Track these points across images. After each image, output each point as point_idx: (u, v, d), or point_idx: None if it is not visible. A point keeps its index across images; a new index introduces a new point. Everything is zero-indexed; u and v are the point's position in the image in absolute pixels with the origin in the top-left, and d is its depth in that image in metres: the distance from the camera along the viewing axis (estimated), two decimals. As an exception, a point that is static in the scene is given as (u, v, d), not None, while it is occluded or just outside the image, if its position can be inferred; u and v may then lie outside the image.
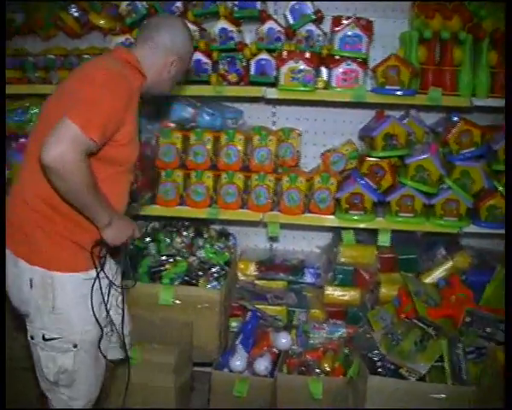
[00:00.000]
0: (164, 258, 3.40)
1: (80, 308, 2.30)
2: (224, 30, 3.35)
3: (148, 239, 3.53)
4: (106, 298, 2.37)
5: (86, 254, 2.29)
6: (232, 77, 3.34)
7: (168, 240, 3.55)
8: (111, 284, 2.40)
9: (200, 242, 3.56)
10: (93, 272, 2.31)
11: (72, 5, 3.61)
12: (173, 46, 2.45)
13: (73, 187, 2.08)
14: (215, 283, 3.32)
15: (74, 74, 2.36)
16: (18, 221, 2.28)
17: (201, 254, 3.47)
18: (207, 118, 3.49)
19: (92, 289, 2.29)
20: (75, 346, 2.29)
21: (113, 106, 2.16)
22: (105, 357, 2.45)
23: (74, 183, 2.06)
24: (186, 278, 3.32)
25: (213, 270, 3.38)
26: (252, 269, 3.67)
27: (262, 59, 3.29)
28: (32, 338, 2.32)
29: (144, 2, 3.47)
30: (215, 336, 3.28)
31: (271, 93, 3.28)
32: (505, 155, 2.90)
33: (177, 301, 3.24)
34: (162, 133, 3.46)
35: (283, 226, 3.49)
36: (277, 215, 3.36)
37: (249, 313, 3.40)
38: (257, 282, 3.63)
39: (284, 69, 3.19)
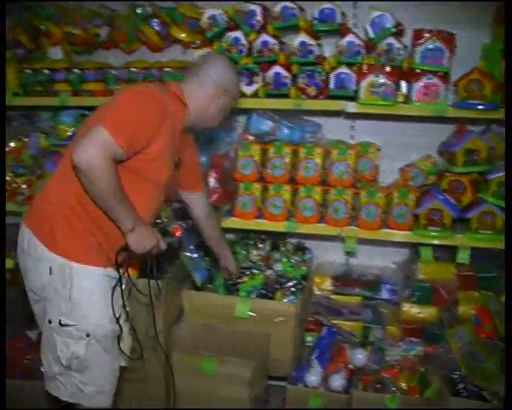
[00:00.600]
0: (242, 270, 3.41)
1: (96, 301, 2.41)
2: (303, 43, 3.35)
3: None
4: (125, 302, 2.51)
5: (106, 254, 2.43)
6: (311, 90, 3.33)
7: (244, 252, 3.56)
8: (137, 290, 2.56)
9: (277, 255, 3.56)
10: (113, 271, 2.45)
11: (154, 19, 3.68)
12: (217, 80, 2.62)
13: (100, 187, 2.23)
14: (292, 297, 3.31)
15: (120, 90, 2.57)
16: (47, 214, 2.42)
17: (278, 267, 3.47)
18: (286, 131, 3.49)
19: (114, 290, 2.41)
20: (88, 335, 2.38)
21: (143, 120, 2.33)
22: (127, 356, 2.58)
23: (100, 183, 2.21)
24: (263, 291, 3.33)
25: (290, 284, 3.37)
26: (327, 284, 3.64)
27: (341, 73, 3.27)
28: (50, 322, 2.41)
29: (224, 16, 3.51)
30: (290, 350, 3.27)
31: (351, 107, 3.26)
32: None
33: (253, 314, 3.24)
34: (241, 146, 3.47)
35: (360, 241, 3.45)
36: (355, 230, 3.33)
37: (325, 329, 3.37)
38: (332, 297, 3.61)
39: (364, 83, 3.17)
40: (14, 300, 3.29)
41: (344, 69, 3.26)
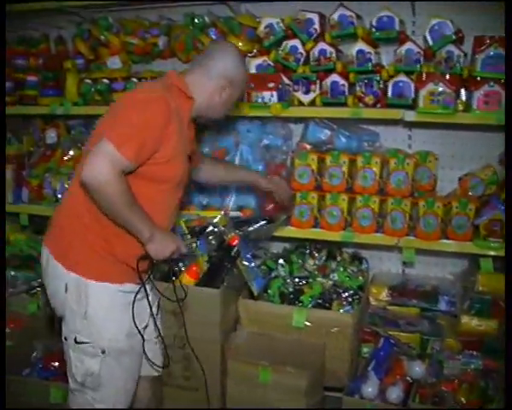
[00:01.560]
0: (297, 280, 3.40)
1: (112, 317, 2.42)
2: (361, 51, 3.33)
3: (281, 261, 3.53)
4: (154, 310, 2.55)
5: (124, 267, 2.41)
6: (369, 99, 3.30)
7: (300, 262, 3.55)
8: (162, 295, 2.53)
9: (334, 265, 3.53)
10: (129, 286, 2.43)
11: (212, 28, 3.71)
12: (224, 71, 2.53)
13: (111, 203, 2.22)
14: (348, 307, 3.29)
15: (121, 97, 2.56)
16: (62, 231, 2.45)
17: (335, 277, 3.44)
18: (343, 140, 3.47)
19: (134, 301, 2.39)
20: (103, 352, 2.39)
21: (148, 127, 2.28)
22: (154, 365, 2.58)
23: (112, 199, 2.21)
24: (319, 300, 3.30)
25: (346, 294, 3.34)
26: (384, 294, 3.59)
27: (400, 81, 3.23)
28: (66, 339, 2.45)
29: (282, 25, 3.51)
30: (346, 361, 3.24)
31: (410, 116, 3.22)
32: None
33: (309, 324, 3.22)
34: (298, 155, 3.46)
35: (417, 251, 3.40)
36: (413, 240, 3.29)
37: (382, 340, 3.32)
38: (389, 307, 3.56)
39: (423, 91, 3.12)
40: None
41: (402, 77, 3.23)
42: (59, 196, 3.92)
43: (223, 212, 3.31)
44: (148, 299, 2.48)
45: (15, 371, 3.25)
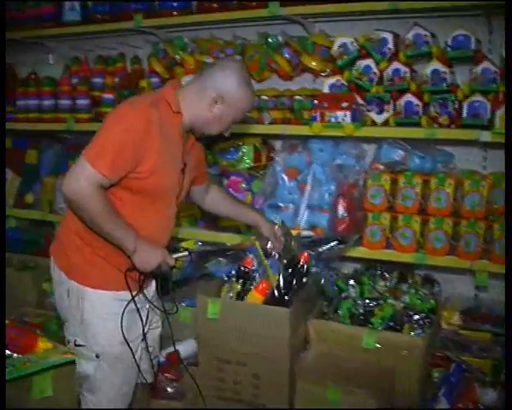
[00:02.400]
0: (367, 301, 3.36)
1: (106, 324, 2.51)
2: (436, 71, 3.28)
3: (351, 281, 3.51)
4: (144, 320, 2.59)
5: (121, 275, 2.47)
6: (443, 119, 3.26)
7: (371, 283, 3.52)
8: (152, 305, 2.65)
9: (405, 287, 3.48)
10: (125, 294, 2.50)
11: (285, 48, 3.73)
12: (219, 86, 2.48)
13: (91, 215, 2.34)
14: (419, 330, 3.22)
15: (107, 113, 2.59)
16: (64, 242, 2.60)
17: (406, 299, 3.39)
18: (417, 161, 3.42)
19: (124, 310, 2.47)
20: (97, 356, 2.52)
21: (124, 140, 2.33)
22: (144, 378, 2.69)
23: (91, 211, 2.33)
24: (390, 323, 3.26)
25: (417, 317, 3.28)
26: (456, 318, 3.51)
27: (475, 101, 3.17)
28: (68, 342, 2.55)
29: (355, 44, 3.51)
30: (416, 384, 3.17)
31: (485, 136, 3.15)
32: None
33: (379, 346, 3.18)
34: (371, 175, 3.45)
35: (490, 275, 3.32)
36: (487, 264, 3.21)
37: (453, 365, 3.25)
38: (461, 331, 3.48)
39: (500, 112, 3.07)
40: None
41: (478, 97, 3.16)
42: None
43: (294, 231, 3.30)
44: (138, 310, 2.53)
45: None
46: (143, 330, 2.58)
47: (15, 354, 1.87)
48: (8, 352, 1.89)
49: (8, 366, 1.73)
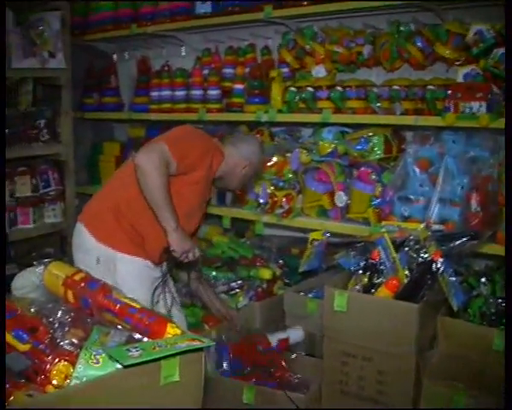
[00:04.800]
0: (500, 300, 3.22)
1: (135, 286, 2.76)
2: None
3: (483, 279, 3.37)
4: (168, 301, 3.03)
5: (152, 250, 2.95)
6: None
7: (503, 282, 3.36)
8: (173, 298, 3.10)
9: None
10: (150, 264, 2.99)
11: (418, 37, 3.63)
12: (248, 154, 3.21)
13: (152, 187, 2.74)
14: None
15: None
16: (99, 210, 2.98)
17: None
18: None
19: (155, 289, 2.94)
20: None
21: (194, 146, 2.95)
22: None
23: (153, 182, 2.73)
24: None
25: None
26: None
27: None
28: None
29: (492, 31, 3.35)
30: (553, 390, 3.02)
31: None
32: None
33: (512, 347, 3.04)
34: (507, 168, 3.28)
35: None
36: None
37: None
38: None
39: None
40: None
41: None
42: (261, 200, 4.04)
43: (424, 224, 3.21)
44: (164, 290, 2.98)
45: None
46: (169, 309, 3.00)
47: (145, 339, 1.91)
48: (138, 336, 1.94)
49: (138, 349, 1.76)
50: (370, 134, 3.80)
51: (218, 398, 3.19)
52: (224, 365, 3.28)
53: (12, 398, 1.69)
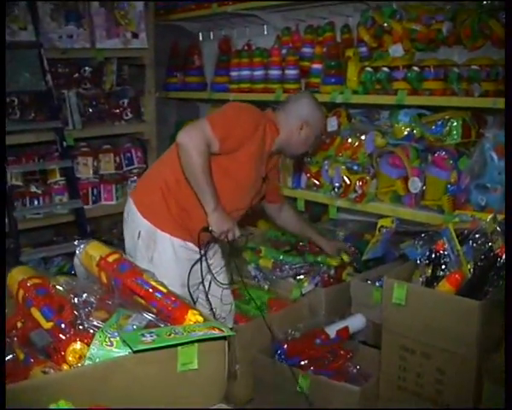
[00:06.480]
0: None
1: (172, 266, 2.92)
2: None
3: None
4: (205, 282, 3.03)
5: (188, 230, 2.95)
6: None
7: None
8: (212, 275, 3.06)
9: None
10: (191, 245, 2.99)
11: (502, 12, 3.37)
12: (300, 114, 3.08)
13: (193, 166, 2.74)
14: None
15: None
16: (148, 187, 3.04)
17: None
18: None
19: (194, 264, 2.94)
20: None
21: (239, 125, 2.89)
22: None
23: (194, 161, 2.72)
24: None
25: None
26: None
27: None
28: None
29: None
30: None
31: None
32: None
33: None
34: None
35: None
36: None
37: None
38: None
39: None
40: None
41: None
42: (336, 184, 3.91)
43: (491, 216, 2.97)
44: (201, 268, 2.93)
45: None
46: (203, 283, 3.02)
47: (163, 325, 1.88)
48: (161, 321, 1.92)
49: (153, 335, 1.73)
50: (447, 117, 3.58)
51: (272, 384, 3.17)
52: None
53: (31, 372, 1.77)
